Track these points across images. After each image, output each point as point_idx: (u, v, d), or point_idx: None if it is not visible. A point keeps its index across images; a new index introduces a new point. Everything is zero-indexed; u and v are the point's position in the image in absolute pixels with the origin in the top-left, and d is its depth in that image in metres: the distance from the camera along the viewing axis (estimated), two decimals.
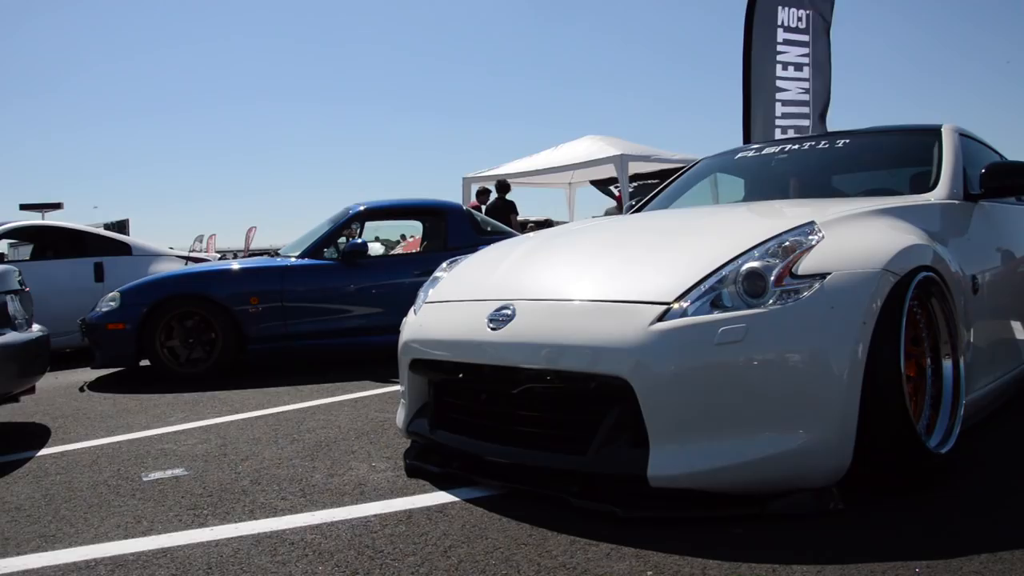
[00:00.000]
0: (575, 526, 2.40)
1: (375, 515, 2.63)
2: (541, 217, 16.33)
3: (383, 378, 5.49)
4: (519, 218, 12.31)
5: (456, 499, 2.74)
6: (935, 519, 2.36)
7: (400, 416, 3.24)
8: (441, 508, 2.67)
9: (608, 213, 13.31)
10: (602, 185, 16.70)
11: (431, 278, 3.49)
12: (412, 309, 3.32)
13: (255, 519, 2.65)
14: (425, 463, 3.04)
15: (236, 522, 2.62)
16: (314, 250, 6.49)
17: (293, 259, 6.44)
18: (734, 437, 2.33)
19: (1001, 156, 4.53)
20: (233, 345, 6.05)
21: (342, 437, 3.79)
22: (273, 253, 7.40)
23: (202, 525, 2.62)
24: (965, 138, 4.05)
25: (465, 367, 2.83)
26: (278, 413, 4.51)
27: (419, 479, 3.00)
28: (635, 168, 14.09)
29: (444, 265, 3.57)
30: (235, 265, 6.54)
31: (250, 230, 28.42)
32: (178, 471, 3.30)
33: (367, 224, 7.68)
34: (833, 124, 8.06)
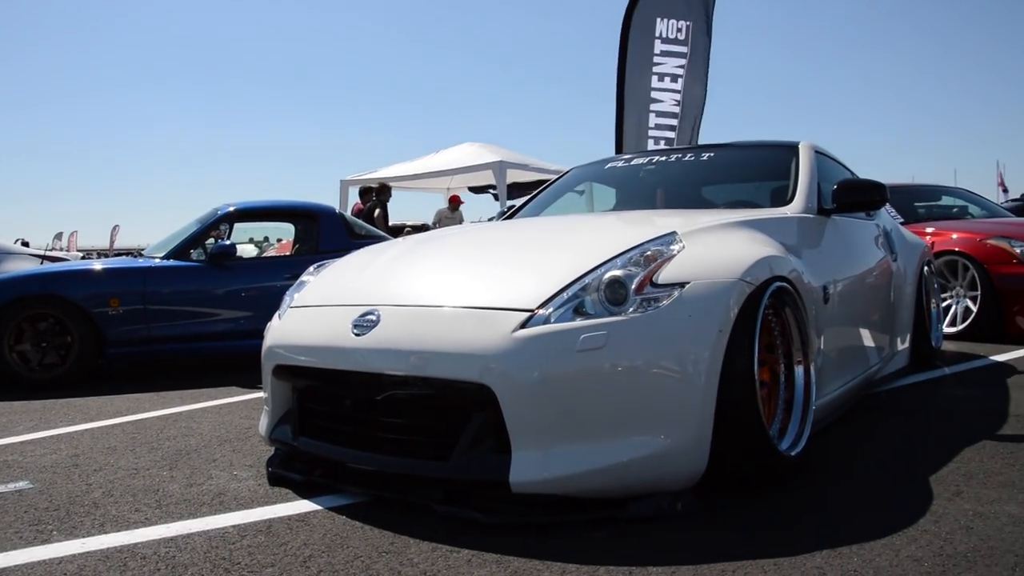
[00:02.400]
0: (438, 533, 2.39)
1: (234, 526, 2.55)
2: (419, 221, 16.28)
3: (250, 384, 5.35)
4: (393, 222, 12.25)
5: (318, 508, 2.69)
6: (784, 518, 2.46)
7: (263, 423, 3.16)
8: (303, 517, 2.62)
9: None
10: (480, 191, 16.79)
11: (297, 282, 3.42)
12: (277, 314, 3.24)
13: (105, 533, 2.52)
14: (288, 471, 2.97)
15: (83, 537, 2.49)
16: (180, 251, 6.26)
17: (157, 260, 6.20)
18: (595, 442, 2.37)
19: (852, 173, 4.79)
20: (91, 349, 5.77)
21: (204, 445, 3.67)
22: (137, 253, 7.12)
23: (45, 542, 2.47)
24: (820, 155, 4.26)
25: (329, 373, 2.79)
26: (137, 420, 4.32)
27: (281, 488, 2.94)
28: (514, 176, 14.22)
29: (311, 269, 3.51)
30: (94, 265, 6.24)
31: (114, 228, 27.27)
32: (21, 484, 3.12)
33: (240, 226, 7.48)
34: (708, 135, 8.34)
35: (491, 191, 15.20)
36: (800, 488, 2.73)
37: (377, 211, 11.94)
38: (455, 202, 14.14)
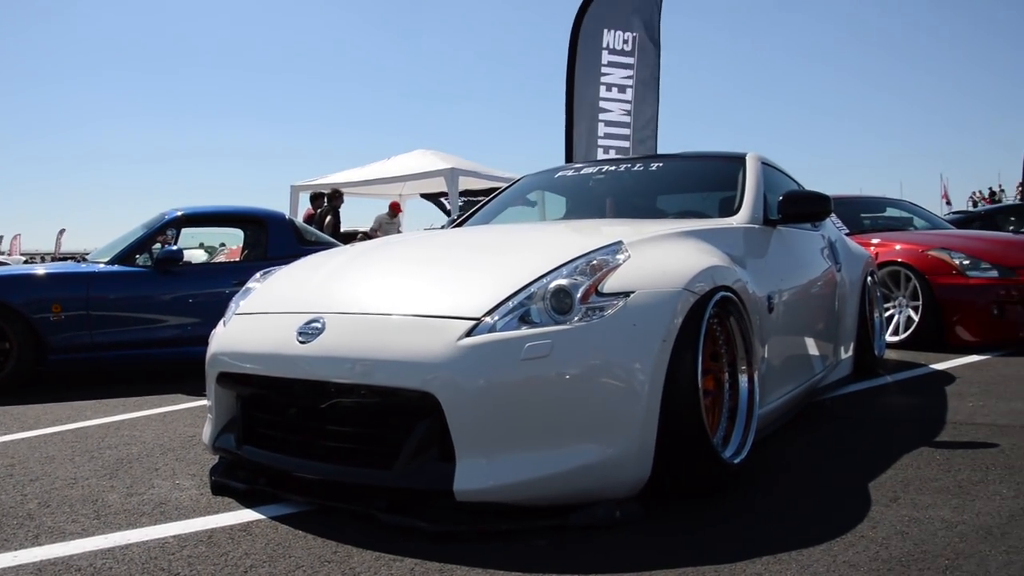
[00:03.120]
0: (382, 542, 2.38)
1: (174, 536, 2.51)
2: (371, 228, 16.20)
3: (196, 391, 5.26)
4: (345, 228, 12.19)
5: (262, 517, 2.66)
6: (727, 525, 2.49)
7: (206, 431, 3.12)
8: (245, 527, 2.58)
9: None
10: (433, 199, 16.77)
11: (243, 289, 3.38)
12: (222, 321, 3.21)
13: (39, 545, 2.46)
14: (231, 480, 2.93)
15: (15, 550, 2.43)
16: (125, 256, 6.15)
17: (102, 265, 6.09)
18: (539, 451, 2.38)
19: (799, 184, 4.87)
20: (30, 356, 5.64)
21: (146, 454, 3.61)
22: (81, 258, 6.98)
23: None
24: (767, 166, 4.33)
25: (273, 381, 2.76)
26: (77, 429, 4.24)
27: (225, 497, 2.90)
28: (466, 184, 14.23)
29: (258, 275, 3.47)
30: (35, 270, 6.12)
31: (60, 232, 26.74)
32: None
33: (191, 231, 7.37)
34: (660, 146, 8.41)
35: (443, 199, 15.20)
36: (743, 495, 2.76)
37: (329, 217, 11.88)
38: (395, 209, 14.13)
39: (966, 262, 6.47)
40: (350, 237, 11.98)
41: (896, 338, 6.63)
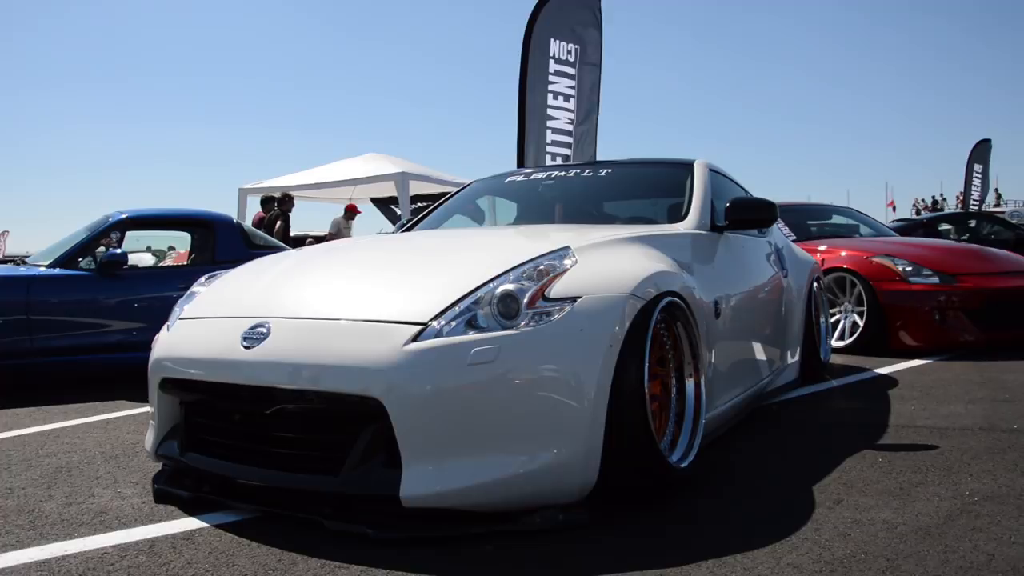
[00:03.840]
0: (328, 549, 2.35)
1: (114, 546, 2.46)
2: (323, 232, 16.06)
3: (141, 397, 5.12)
4: (296, 232, 12.08)
5: (205, 525, 2.62)
6: (673, 529, 2.51)
7: (149, 438, 3.06)
8: (188, 535, 2.54)
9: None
10: (383, 203, 16.67)
11: (188, 293, 3.33)
12: (165, 325, 3.15)
13: None
14: (174, 487, 2.88)
15: None
16: (67, 259, 6.01)
17: (42, 268, 5.94)
18: (486, 456, 2.37)
19: (746, 191, 4.94)
20: None
21: (87, 462, 3.53)
22: (21, 261, 6.81)
23: None
24: (715, 173, 4.38)
25: (217, 387, 2.72)
26: (15, 437, 4.13)
27: (168, 505, 2.84)
28: (417, 188, 14.17)
29: (203, 279, 3.42)
30: None
31: (3, 234, 26.15)
32: None
33: (138, 234, 7.23)
34: (608, 152, 8.51)
35: (393, 205, 15.12)
36: (690, 499, 2.78)
37: (279, 222, 11.76)
38: (351, 210, 14.02)
39: (909, 268, 6.61)
40: (300, 242, 11.87)
41: (842, 343, 6.74)
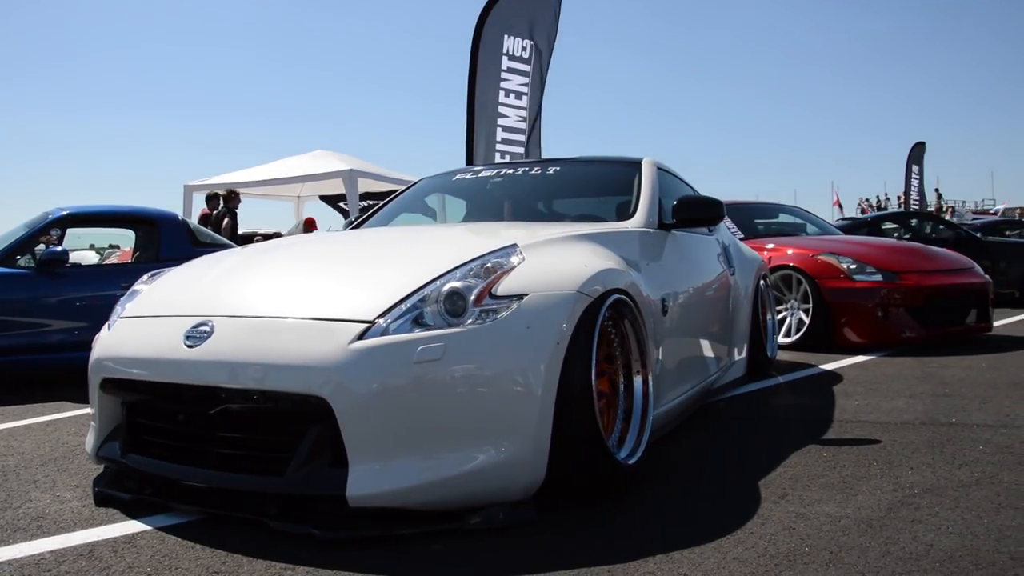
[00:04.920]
0: (274, 551, 2.32)
1: (51, 551, 2.40)
2: (271, 230, 15.87)
3: (83, 398, 5.02)
4: (243, 230, 11.93)
5: (147, 528, 2.57)
6: (621, 526, 2.52)
7: (90, 440, 3.00)
8: (129, 539, 2.49)
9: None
10: (332, 201, 16.54)
11: (129, 291, 3.27)
12: (106, 324, 3.09)
13: None
14: (116, 490, 2.82)
15: None
16: (5, 257, 5.85)
17: None
18: (434, 454, 2.36)
19: (694, 190, 4.98)
20: None
21: (24, 465, 3.44)
22: None
23: None
24: (663, 172, 4.41)
25: (160, 387, 2.67)
26: None
27: (109, 508, 2.78)
28: (366, 186, 14.07)
29: (145, 278, 3.36)
30: None
31: None
32: None
33: (74, 231, 7.06)
34: (555, 149, 8.53)
35: (342, 203, 14.99)
36: (637, 495, 2.80)
37: (227, 220, 11.61)
38: (309, 225, 13.93)
39: (853, 266, 6.73)
40: (248, 239, 11.73)
41: (788, 340, 6.84)
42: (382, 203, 4.72)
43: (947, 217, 22.06)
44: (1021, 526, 2.41)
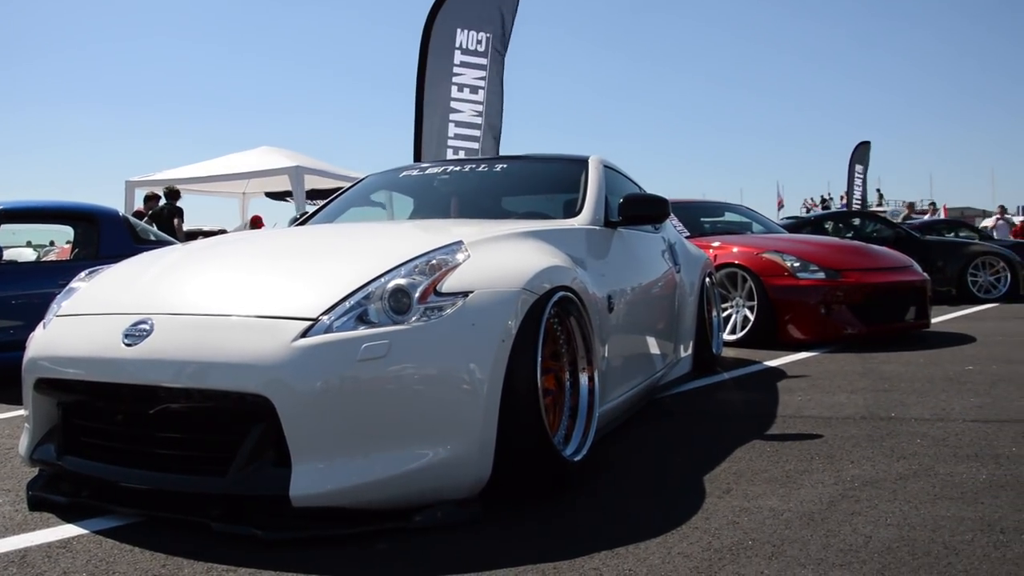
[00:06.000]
0: (215, 553, 2.28)
1: None
2: (215, 227, 15.64)
3: (16, 399, 4.90)
4: (188, 227, 11.74)
5: (84, 532, 2.51)
6: (566, 522, 2.52)
7: (23, 442, 2.91)
8: (65, 543, 2.42)
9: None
10: (278, 197, 16.38)
11: (66, 289, 3.18)
12: (41, 323, 3.00)
13: None
14: (51, 494, 2.75)
15: None
16: None
17: None
18: (378, 453, 2.34)
19: (640, 188, 5.02)
20: None
21: None
22: None
23: None
24: (609, 169, 4.43)
25: (97, 387, 2.61)
26: None
27: (44, 512, 2.71)
28: (312, 183, 13.94)
29: (83, 275, 3.27)
30: None
31: None
32: None
33: (9, 228, 6.87)
34: (505, 147, 8.48)
35: (288, 199, 14.84)
36: (583, 492, 2.80)
37: (176, 219, 11.42)
38: (256, 223, 13.76)
39: (796, 264, 6.83)
40: (192, 237, 11.55)
41: (733, 336, 6.92)
42: (327, 200, 4.67)
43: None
44: (955, 516, 2.47)
